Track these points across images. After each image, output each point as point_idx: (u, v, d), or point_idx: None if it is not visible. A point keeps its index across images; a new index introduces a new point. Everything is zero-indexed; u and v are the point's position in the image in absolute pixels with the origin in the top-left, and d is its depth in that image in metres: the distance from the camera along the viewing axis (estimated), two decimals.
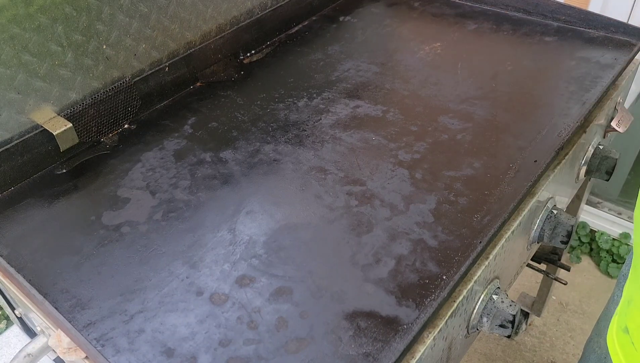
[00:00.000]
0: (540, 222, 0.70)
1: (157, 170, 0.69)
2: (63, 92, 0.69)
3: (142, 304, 0.53)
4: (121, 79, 0.75)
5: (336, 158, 0.70)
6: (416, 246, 0.58)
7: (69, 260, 0.58)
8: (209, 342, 0.50)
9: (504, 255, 0.62)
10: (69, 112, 0.70)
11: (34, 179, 0.69)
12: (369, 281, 0.54)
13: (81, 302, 0.53)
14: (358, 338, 0.49)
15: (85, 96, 0.72)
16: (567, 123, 0.73)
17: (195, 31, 0.83)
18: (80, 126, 0.71)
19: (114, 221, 0.62)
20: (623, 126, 0.88)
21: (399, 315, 0.51)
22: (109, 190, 0.67)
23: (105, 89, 0.74)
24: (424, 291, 0.53)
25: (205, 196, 0.65)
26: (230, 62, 0.88)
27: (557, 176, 0.71)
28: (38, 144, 0.68)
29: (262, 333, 0.50)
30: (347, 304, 0.52)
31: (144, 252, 0.59)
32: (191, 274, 0.56)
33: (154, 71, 0.78)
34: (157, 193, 0.66)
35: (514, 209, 0.62)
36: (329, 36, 0.96)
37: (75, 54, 0.69)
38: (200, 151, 0.72)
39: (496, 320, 0.59)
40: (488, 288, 0.60)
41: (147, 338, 0.50)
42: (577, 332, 1.44)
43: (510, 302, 0.60)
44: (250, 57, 0.91)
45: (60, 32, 0.66)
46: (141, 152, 0.72)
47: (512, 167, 0.67)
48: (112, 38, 0.72)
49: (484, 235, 0.58)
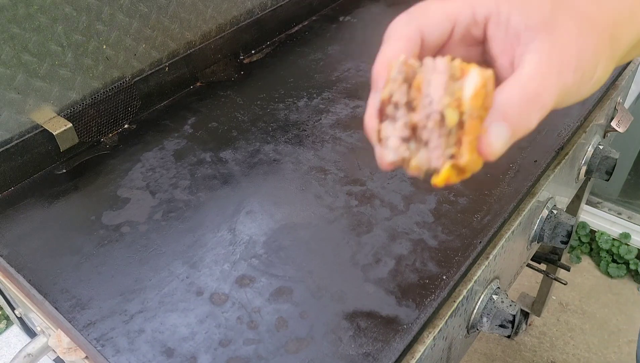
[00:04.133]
0: (540, 222, 0.70)
1: (157, 170, 0.69)
2: (63, 92, 0.69)
3: (142, 304, 0.53)
4: (121, 79, 0.75)
5: (336, 158, 0.70)
6: (416, 246, 0.58)
7: (69, 260, 0.58)
8: (209, 342, 0.50)
9: (504, 255, 0.62)
10: (68, 112, 0.70)
11: (33, 179, 0.69)
12: (369, 281, 0.54)
13: (81, 302, 0.53)
14: (358, 338, 0.49)
15: (85, 96, 0.72)
16: (567, 123, 0.72)
17: (195, 31, 0.82)
18: (80, 126, 0.70)
19: (114, 221, 0.62)
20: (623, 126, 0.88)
21: (399, 315, 0.51)
22: (109, 190, 0.67)
23: (105, 89, 0.73)
24: (424, 291, 0.53)
25: (205, 196, 0.65)
26: (230, 62, 0.88)
27: (557, 176, 0.70)
28: (38, 144, 0.68)
29: (262, 333, 0.50)
30: (347, 304, 0.52)
31: (144, 252, 0.59)
32: (191, 274, 0.56)
33: (154, 71, 0.78)
34: (157, 193, 0.66)
35: (514, 209, 0.62)
36: (329, 36, 0.96)
37: (75, 54, 0.69)
38: (200, 151, 0.72)
39: (496, 320, 0.59)
40: (488, 288, 0.60)
41: (147, 338, 0.50)
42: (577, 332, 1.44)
43: (510, 302, 0.60)
44: (250, 57, 0.91)
45: (60, 32, 0.66)
46: (141, 152, 0.72)
47: (512, 167, 0.67)
48: (112, 38, 0.72)
49: (484, 234, 0.58)
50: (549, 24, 0.29)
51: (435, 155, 0.30)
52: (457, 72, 0.29)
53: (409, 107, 0.30)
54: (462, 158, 0.29)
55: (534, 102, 0.28)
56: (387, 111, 0.31)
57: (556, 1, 0.30)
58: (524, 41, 0.29)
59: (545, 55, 0.28)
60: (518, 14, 0.30)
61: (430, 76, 0.29)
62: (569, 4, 0.30)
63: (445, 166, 0.29)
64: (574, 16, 0.30)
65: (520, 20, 0.30)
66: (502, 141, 0.29)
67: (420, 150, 0.30)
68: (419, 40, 0.32)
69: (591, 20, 0.30)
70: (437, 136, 0.29)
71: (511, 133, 0.28)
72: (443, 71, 0.29)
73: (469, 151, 0.29)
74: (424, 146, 0.30)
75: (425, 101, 0.29)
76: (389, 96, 0.30)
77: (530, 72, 0.28)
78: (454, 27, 0.32)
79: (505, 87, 0.29)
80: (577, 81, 0.29)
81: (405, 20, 0.32)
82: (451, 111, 0.28)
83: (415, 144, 0.30)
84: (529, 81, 0.28)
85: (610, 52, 0.31)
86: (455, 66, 0.29)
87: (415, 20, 0.32)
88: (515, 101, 0.28)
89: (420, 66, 0.30)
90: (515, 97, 0.28)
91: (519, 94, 0.28)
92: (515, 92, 0.28)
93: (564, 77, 0.29)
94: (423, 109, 0.29)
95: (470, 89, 0.28)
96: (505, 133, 0.28)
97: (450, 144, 0.29)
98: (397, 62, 0.30)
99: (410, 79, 0.30)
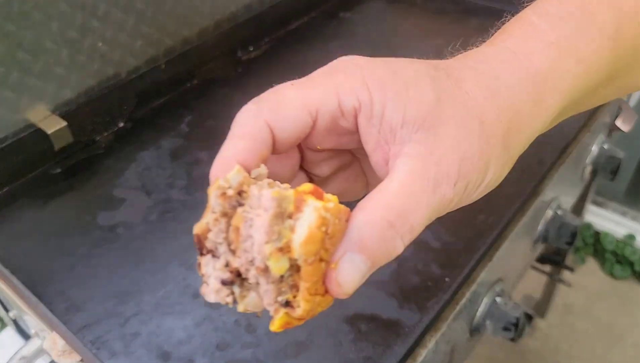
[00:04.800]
0: (545, 222, 0.70)
1: (153, 169, 0.69)
2: (58, 90, 0.69)
3: (137, 306, 0.53)
4: (117, 76, 0.75)
5: None
6: (418, 247, 0.57)
7: (64, 261, 0.57)
8: (206, 346, 0.49)
9: (507, 256, 0.62)
10: (63, 111, 0.69)
11: (27, 179, 0.68)
12: (370, 284, 0.53)
13: (76, 304, 0.53)
14: (358, 342, 0.49)
15: (80, 94, 0.71)
16: (572, 122, 0.72)
17: (192, 27, 0.82)
18: (75, 125, 0.70)
19: (110, 222, 0.62)
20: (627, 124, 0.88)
21: (401, 318, 0.50)
22: (104, 190, 0.66)
23: (101, 87, 0.73)
24: (426, 293, 0.52)
25: (203, 197, 0.64)
26: (228, 59, 0.87)
27: (562, 175, 0.70)
28: (32, 143, 0.67)
29: (261, 337, 0.50)
30: (348, 307, 0.52)
31: (140, 253, 0.58)
32: (188, 276, 0.55)
33: (150, 68, 0.78)
34: (153, 193, 0.65)
35: (518, 210, 0.61)
36: (329, 33, 0.95)
37: (70, 52, 0.68)
38: (197, 150, 0.71)
39: (500, 323, 0.59)
40: (491, 290, 0.60)
41: (143, 342, 0.50)
42: (582, 335, 1.43)
43: (514, 304, 0.59)
44: (248, 54, 0.90)
45: (55, 29, 0.66)
46: (137, 151, 0.71)
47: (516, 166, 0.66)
48: (107, 35, 0.71)
49: (487, 235, 0.58)
50: (428, 120, 0.24)
51: (267, 301, 0.24)
52: (290, 206, 0.23)
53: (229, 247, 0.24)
54: (298, 309, 0.24)
55: (399, 225, 0.23)
56: (207, 243, 0.25)
57: (441, 91, 0.25)
58: (399, 140, 0.25)
59: (420, 163, 0.24)
60: (393, 106, 0.25)
61: (252, 214, 0.23)
62: (456, 97, 0.25)
63: (279, 315, 0.24)
64: (459, 112, 0.25)
65: (396, 113, 0.24)
66: (358, 276, 0.24)
67: (250, 292, 0.25)
68: (269, 138, 0.26)
69: (481, 117, 0.25)
70: (265, 281, 0.24)
71: (370, 265, 0.24)
72: (268, 208, 0.23)
73: (306, 300, 0.23)
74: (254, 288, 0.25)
75: (247, 244, 0.24)
76: (205, 230, 0.25)
77: (398, 187, 0.24)
78: (316, 119, 0.26)
79: (366, 206, 0.24)
80: (459, 193, 0.25)
81: (253, 112, 0.26)
82: (276, 260, 0.23)
83: (239, 289, 0.25)
84: (395, 199, 0.23)
85: (504, 154, 0.26)
86: (286, 198, 0.23)
87: (266, 112, 0.26)
88: (375, 226, 0.23)
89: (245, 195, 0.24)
90: (375, 222, 0.23)
91: (381, 217, 0.23)
92: (377, 215, 0.23)
93: (440, 191, 0.24)
94: (244, 254, 0.24)
95: (302, 234, 0.22)
96: (361, 266, 0.23)
97: (284, 290, 0.24)
98: (216, 186, 0.24)
99: (230, 214, 0.24)
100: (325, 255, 0.23)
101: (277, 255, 0.23)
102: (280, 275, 0.23)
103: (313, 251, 0.23)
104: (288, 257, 0.23)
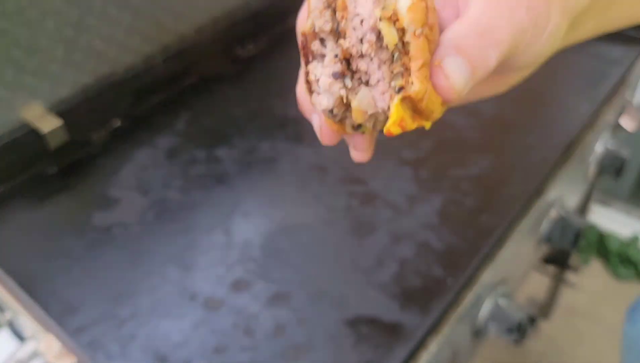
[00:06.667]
0: (549, 223, 0.69)
1: (149, 169, 0.68)
2: (53, 88, 0.68)
3: (134, 309, 0.52)
4: (113, 74, 0.74)
5: (337, 156, 0.68)
6: (420, 248, 0.57)
7: (59, 263, 0.57)
8: (204, 349, 0.49)
9: (510, 257, 0.61)
10: (59, 109, 0.69)
11: (23, 179, 0.68)
12: (371, 286, 0.53)
13: (71, 306, 0.53)
14: (359, 345, 0.48)
15: (76, 93, 0.71)
16: (576, 121, 0.72)
17: (189, 24, 0.81)
18: (70, 124, 0.69)
19: (105, 223, 0.61)
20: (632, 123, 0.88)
21: (402, 321, 0.50)
22: (100, 190, 0.66)
23: (97, 85, 0.72)
24: (428, 295, 0.52)
25: (199, 196, 0.64)
26: (226, 56, 0.87)
27: (566, 175, 0.70)
28: (27, 142, 0.67)
29: (259, 340, 0.49)
30: (348, 309, 0.51)
31: (136, 255, 0.58)
32: (185, 278, 0.55)
33: (147, 66, 0.77)
34: (149, 193, 0.65)
35: (522, 210, 0.61)
36: None
37: (65, 49, 0.68)
38: (194, 149, 0.71)
39: (503, 325, 0.59)
40: (494, 292, 0.59)
41: (139, 344, 0.49)
42: (586, 336, 1.42)
43: (517, 306, 0.59)
44: (246, 51, 0.90)
45: (51, 26, 0.65)
46: (133, 150, 0.71)
47: (520, 165, 0.66)
48: (103, 32, 0.71)
49: (490, 236, 0.57)
50: None
51: (379, 91, 0.25)
52: None
53: (336, 35, 0.25)
54: (413, 86, 0.24)
55: (488, 35, 0.25)
56: (312, 48, 0.26)
57: None
58: None
59: None
60: None
61: None
62: None
63: (395, 102, 0.24)
64: None
65: None
66: (462, 76, 0.25)
67: (361, 88, 0.25)
68: None
69: None
70: (376, 65, 0.25)
71: (471, 69, 0.25)
72: None
73: (419, 80, 0.24)
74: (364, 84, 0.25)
75: (355, 21, 0.24)
76: (311, 28, 0.25)
77: (480, 8, 0.25)
78: None
79: (453, 25, 0.25)
80: (531, 20, 0.26)
81: None
82: (387, 26, 0.24)
83: (351, 81, 0.25)
84: (480, 16, 0.25)
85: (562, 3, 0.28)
86: None
87: None
88: (467, 32, 0.25)
89: None
90: (467, 30, 0.25)
91: (471, 27, 0.25)
92: (466, 26, 0.25)
93: (517, 14, 0.26)
94: (354, 32, 0.25)
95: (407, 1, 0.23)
96: (463, 67, 0.25)
97: (396, 75, 0.24)
98: None
99: (333, 2, 0.25)
100: (430, 34, 0.24)
101: (386, 21, 0.24)
102: (391, 50, 0.24)
103: (419, 20, 0.23)
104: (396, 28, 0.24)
